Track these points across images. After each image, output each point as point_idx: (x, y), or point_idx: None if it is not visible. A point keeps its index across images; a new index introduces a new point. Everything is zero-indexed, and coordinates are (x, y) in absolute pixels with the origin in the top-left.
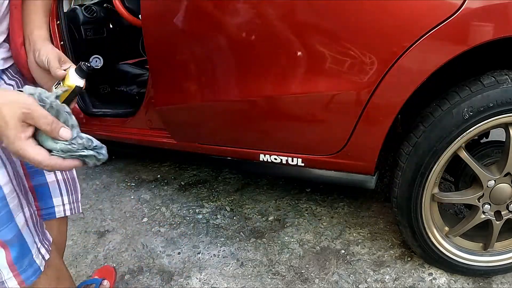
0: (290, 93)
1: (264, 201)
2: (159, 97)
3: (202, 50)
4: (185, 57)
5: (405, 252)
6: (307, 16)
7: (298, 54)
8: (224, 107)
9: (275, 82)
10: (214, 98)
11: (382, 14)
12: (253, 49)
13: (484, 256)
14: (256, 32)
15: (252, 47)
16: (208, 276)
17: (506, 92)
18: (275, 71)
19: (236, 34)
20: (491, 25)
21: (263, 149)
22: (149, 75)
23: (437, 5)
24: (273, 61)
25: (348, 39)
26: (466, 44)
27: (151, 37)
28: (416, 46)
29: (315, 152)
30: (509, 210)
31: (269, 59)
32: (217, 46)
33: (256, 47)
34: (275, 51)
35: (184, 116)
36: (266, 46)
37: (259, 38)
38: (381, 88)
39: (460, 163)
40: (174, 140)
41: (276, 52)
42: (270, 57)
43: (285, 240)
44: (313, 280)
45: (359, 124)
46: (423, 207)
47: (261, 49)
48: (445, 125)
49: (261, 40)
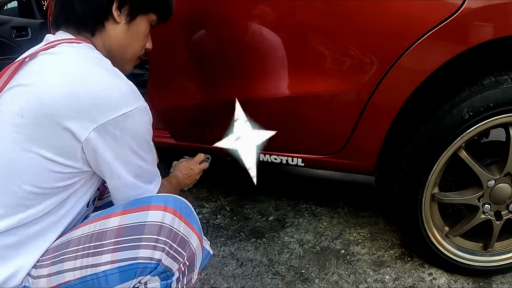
0: (290, 93)
1: (264, 201)
2: (159, 97)
3: (202, 50)
4: (185, 57)
5: (405, 252)
6: (307, 16)
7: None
8: (224, 107)
9: (275, 82)
10: (214, 98)
11: (382, 14)
12: (253, 49)
13: (484, 256)
14: (255, 32)
15: (252, 47)
16: (208, 276)
17: (506, 92)
18: (275, 71)
19: (236, 33)
20: (491, 25)
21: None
22: (149, 75)
23: (437, 5)
24: (273, 61)
25: (348, 39)
26: (466, 44)
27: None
28: (416, 46)
29: (315, 152)
30: (509, 210)
31: (269, 59)
32: (217, 46)
33: (256, 47)
34: (275, 51)
35: (184, 116)
36: (266, 46)
37: (259, 38)
38: (381, 88)
39: (460, 163)
40: (174, 140)
41: (276, 52)
42: (270, 57)
43: (285, 240)
44: (313, 280)
45: (359, 124)
46: (423, 207)
47: (261, 49)
48: (445, 125)
49: (261, 40)
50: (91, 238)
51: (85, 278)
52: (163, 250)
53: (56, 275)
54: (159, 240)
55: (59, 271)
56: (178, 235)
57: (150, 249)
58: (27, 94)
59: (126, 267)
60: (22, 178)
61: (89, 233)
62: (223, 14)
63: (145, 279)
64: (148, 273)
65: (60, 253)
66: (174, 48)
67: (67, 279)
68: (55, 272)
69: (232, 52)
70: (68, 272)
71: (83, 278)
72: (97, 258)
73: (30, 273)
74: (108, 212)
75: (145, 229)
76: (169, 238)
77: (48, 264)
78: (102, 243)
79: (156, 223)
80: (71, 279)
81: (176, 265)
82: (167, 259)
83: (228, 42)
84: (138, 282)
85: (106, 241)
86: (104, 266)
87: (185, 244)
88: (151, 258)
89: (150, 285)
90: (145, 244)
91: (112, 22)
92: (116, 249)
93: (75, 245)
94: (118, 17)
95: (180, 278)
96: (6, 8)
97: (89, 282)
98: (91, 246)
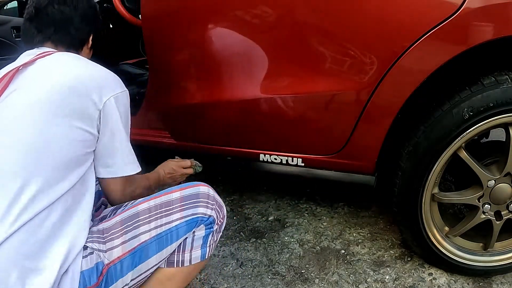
0: (290, 93)
1: (264, 201)
2: (159, 97)
3: (202, 49)
4: (185, 57)
5: (405, 252)
6: (307, 16)
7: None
8: (224, 107)
9: (275, 82)
10: (214, 98)
11: (382, 14)
12: (253, 49)
13: (484, 256)
14: (256, 32)
15: (252, 47)
16: (208, 276)
17: (506, 92)
18: (275, 71)
19: (236, 33)
20: (491, 25)
21: (263, 149)
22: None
23: (437, 5)
24: (273, 61)
25: (348, 39)
26: (466, 44)
27: (151, 37)
28: (416, 46)
29: (315, 152)
30: (509, 210)
31: (269, 59)
32: (217, 46)
33: (256, 47)
34: (275, 51)
35: (184, 116)
36: (266, 46)
37: (259, 38)
38: (381, 88)
39: (460, 163)
40: (174, 140)
41: (276, 52)
42: (270, 57)
43: (285, 240)
44: (313, 280)
45: (359, 124)
46: (423, 207)
47: (261, 49)
48: (445, 125)
49: (261, 40)
50: (161, 206)
51: (160, 235)
52: (213, 208)
53: (131, 240)
54: (209, 202)
55: (134, 236)
56: (219, 201)
57: (205, 207)
58: (49, 80)
59: (191, 220)
60: (55, 152)
61: (157, 204)
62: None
63: (198, 228)
64: (203, 223)
65: (132, 222)
66: (173, 48)
67: (143, 240)
68: (130, 237)
69: (232, 52)
70: (144, 234)
71: (158, 235)
72: (169, 217)
73: (99, 249)
74: (168, 190)
75: (200, 196)
76: (214, 201)
77: (120, 234)
78: (171, 207)
79: (206, 193)
80: (147, 239)
81: (217, 220)
82: (214, 214)
83: (228, 42)
84: (192, 232)
85: (174, 205)
86: (175, 222)
87: (222, 208)
88: (205, 213)
89: (197, 233)
90: (202, 204)
91: (86, 45)
92: (183, 209)
93: (146, 213)
94: (90, 43)
95: (214, 233)
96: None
97: (163, 237)
98: (163, 211)
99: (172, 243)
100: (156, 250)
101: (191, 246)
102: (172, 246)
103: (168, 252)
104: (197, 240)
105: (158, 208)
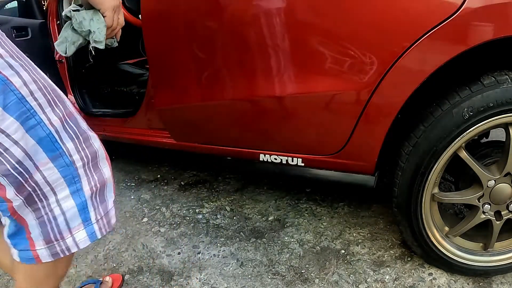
0: (290, 93)
1: (264, 201)
2: (159, 97)
3: (202, 49)
4: (185, 57)
5: (405, 252)
6: (307, 15)
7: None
8: (224, 107)
9: (275, 82)
10: (214, 98)
11: (382, 14)
12: (253, 48)
13: (484, 256)
14: (256, 32)
15: (252, 46)
16: (208, 276)
17: (506, 92)
18: (275, 70)
19: (236, 33)
20: (491, 25)
21: (263, 149)
22: (149, 75)
23: (437, 5)
24: (273, 61)
25: (348, 39)
26: (466, 44)
27: (151, 37)
28: (416, 46)
29: (315, 152)
30: (509, 210)
31: (269, 59)
32: (217, 46)
33: (257, 46)
34: (275, 51)
35: (184, 116)
36: (267, 46)
37: (259, 38)
38: (381, 88)
39: (460, 163)
40: (174, 140)
41: (276, 52)
42: (270, 57)
43: (285, 240)
44: (313, 280)
45: (359, 124)
46: (423, 207)
47: (261, 49)
48: (445, 125)
49: (262, 40)
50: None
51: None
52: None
53: None
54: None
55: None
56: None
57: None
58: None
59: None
60: None
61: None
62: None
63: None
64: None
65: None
66: (173, 48)
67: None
68: None
69: (232, 52)
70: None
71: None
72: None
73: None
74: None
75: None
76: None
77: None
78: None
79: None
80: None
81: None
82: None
83: (228, 42)
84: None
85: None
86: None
87: (97, 167)
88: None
89: (64, 204)
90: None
91: None
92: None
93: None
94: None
95: (93, 201)
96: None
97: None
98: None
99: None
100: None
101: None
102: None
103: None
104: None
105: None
